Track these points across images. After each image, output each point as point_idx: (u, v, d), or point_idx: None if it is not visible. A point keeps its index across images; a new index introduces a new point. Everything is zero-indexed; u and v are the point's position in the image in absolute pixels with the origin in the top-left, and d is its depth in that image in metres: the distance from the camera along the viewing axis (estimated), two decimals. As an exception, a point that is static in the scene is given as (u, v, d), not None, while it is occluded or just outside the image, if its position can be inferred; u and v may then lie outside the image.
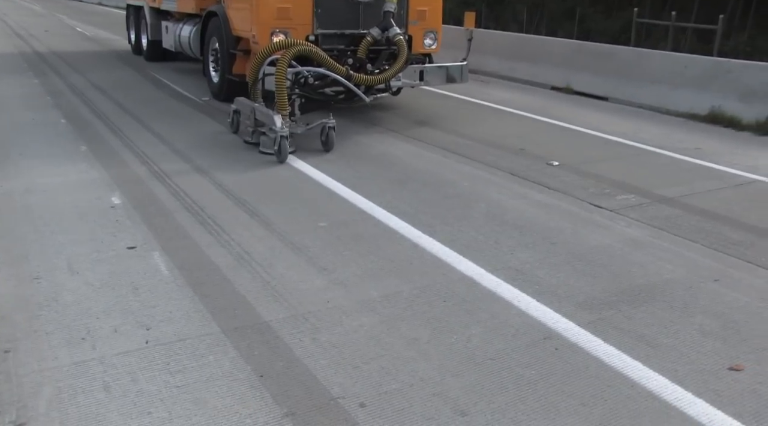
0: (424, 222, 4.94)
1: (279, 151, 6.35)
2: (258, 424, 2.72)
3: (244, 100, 7.19)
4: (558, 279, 4.10)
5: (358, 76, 7.06)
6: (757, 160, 7.07)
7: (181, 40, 10.66)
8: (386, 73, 7.34)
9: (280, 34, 7.49)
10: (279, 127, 6.30)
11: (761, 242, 4.82)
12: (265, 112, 6.60)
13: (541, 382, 3.06)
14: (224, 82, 8.88)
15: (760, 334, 3.54)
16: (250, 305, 3.66)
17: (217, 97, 9.20)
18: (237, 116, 7.38)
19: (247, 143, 6.95)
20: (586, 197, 5.67)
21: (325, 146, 6.87)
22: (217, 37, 9.00)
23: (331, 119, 6.85)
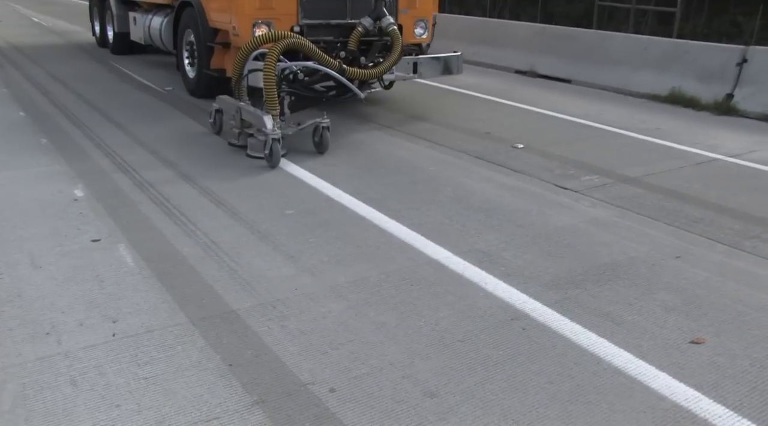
0: (391, 207, 4.95)
1: (270, 155, 5.84)
2: (228, 412, 2.71)
3: (227, 99, 6.65)
4: (524, 260, 4.14)
5: (352, 71, 6.49)
6: (716, 140, 7.20)
7: (151, 32, 10.04)
8: (382, 67, 6.83)
9: (262, 26, 7.02)
10: (270, 129, 5.79)
11: (720, 219, 4.92)
12: (253, 112, 6.09)
13: (509, 361, 3.10)
14: (201, 78, 8.35)
15: (719, 308, 3.62)
16: (218, 294, 3.64)
17: (193, 93, 8.69)
18: (219, 116, 6.86)
19: (233, 146, 6.45)
20: (551, 179, 5.73)
21: (319, 148, 6.36)
22: (193, 29, 8.44)
23: (325, 118, 6.32)
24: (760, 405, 2.84)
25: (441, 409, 2.75)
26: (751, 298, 3.74)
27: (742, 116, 8.29)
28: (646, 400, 2.85)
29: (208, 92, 7.98)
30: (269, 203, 5.00)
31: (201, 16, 8.12)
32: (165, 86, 9.36)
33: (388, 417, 2.70)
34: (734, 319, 3.52)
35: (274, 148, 5.83)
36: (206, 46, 8.06)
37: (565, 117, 8.14)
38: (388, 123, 7.63)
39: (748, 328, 3.43)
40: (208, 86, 8.19)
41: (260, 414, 2.71)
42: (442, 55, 7.99)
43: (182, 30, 8.82)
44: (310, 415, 2.70)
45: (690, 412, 2.77)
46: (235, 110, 6.34)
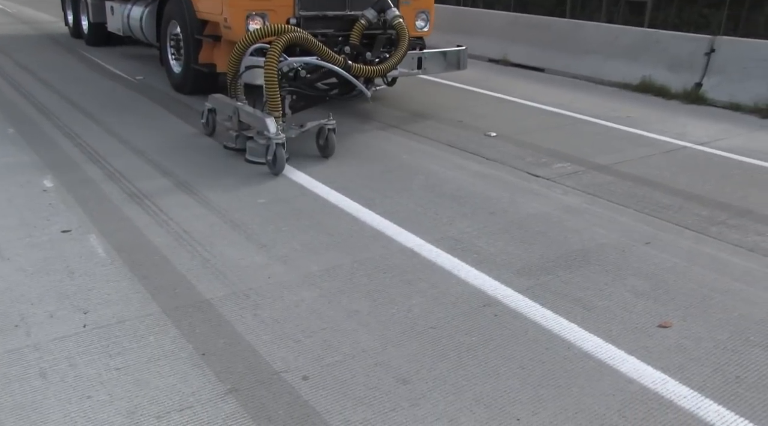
0: (363, 196, 4.96)
1: (274, 161, 5.34)
2: (201, 401, 2.71)
3: (222, 98, 6.14)
4: (496, 247, 4.18)
5: (357, 67, 6.00)
6: (685, 128, 7.30)
7: (131, 23, 9.41)
8: (389, 62, 6.32)
9: (256, 18, 6.60)
10: (274, 133, 5.29)
11: (688, 205, 5.00)
12: (253, 114, 5.61)
13: (482, 347, 3.13)
14: (189, 73, 7.82)
15: (686, 292, 3.69)
16: (191, 284, 3.63)
17: (179, 89, 8.17)
18: (212, 116, 6.34)
19: (229, 149, 5.98)
20: (523, 167, 5.78)
21: (324, 151, 5.88)
22: (178, 21, 7.85)
23: (331, 120, 5.84)
24: (722, 385, 2.91)
25: (414, 395, 2.78)
26: (716, 282, 3.82)
27: (710, 105, 8.41)
28: (616, 384, 2.90)
29: (197, 89, 7.68)
30: (241, 192, 4.98)
31: (188, 6, 7.58)
32: (136, 76, 9.24)
33: (361, 404, 2.71)
34: (700, 303, 3.59)
35: (278, 153, 5.33)
36: (193, 39, 7.54)
37: (537, 105, 8.19)
38: (358, 112, 7.62)
39: (713, 312, 3.50)
40: (197, 82, 7.77)
41: (233, 402, 2.71)
42: (447, 49, 7.60)
43: (166, 21, 8.24)
44: (283, 403, 2.71)
45: (657, 394, 2.83)
46: (232, 111, 5.85)
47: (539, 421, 2.64)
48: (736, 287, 3.77)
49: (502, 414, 2.68)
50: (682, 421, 2.68)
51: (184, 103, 7.68)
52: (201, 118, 6.43)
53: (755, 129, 7.39)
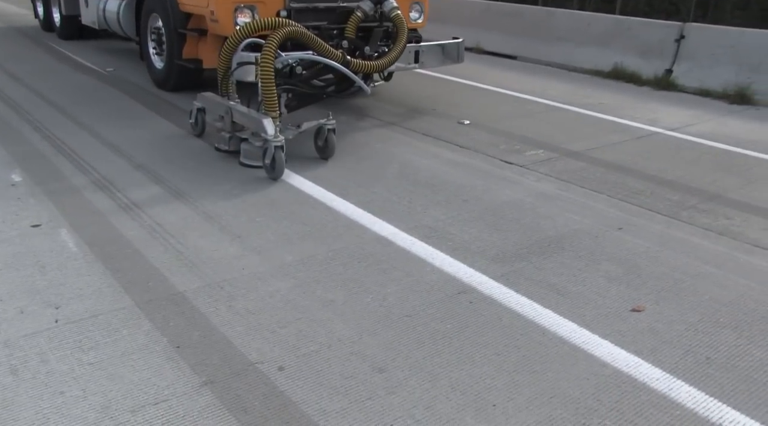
0: (337, 185, 4.95)
1: (273, 165, 5.01)
2: (176, 394, 2.69)
3: (212, 97, 5.82)
4: (471, 235, 4.19)
5: (356, 62, 5.69)
6: (656, 114, 7.38)
7: (107, 16, 8.93)
8: (389, 57, 6.01)
9: (245, 10, 6.30)
10: (272, 135, 4.97)
11: (660, 190, 5.06)
12: (248, 114, 5.30)
13: (457, 335, 3.14)
14: (172, 69, 7.42)
15: (658, 277, 3.74)
16: (164, 277, 3.59)
17: (162, 85, 7.80)
18: (202, 115, 6.02)
19: (221, 152, 5.66)
20: (496, 154, 5.80)
21: (323, 153, 5.57)
22: (160, 14, 7.46)
23: (330, 119, 5.53)
24: (694, 366, 2.95)
25: (390, 383, 2.78)
26: (687, 266, 3.87)
27: (681, 91, 8.52)
28: (590, 368, 2.93)
29: (180, 85, 7.44)
30: (212, 183, 4.94)
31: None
32: (107, 68, 9.10)
33: (337, 393, 2.71)
34: (672, 286, 3.64)
35: (276, 156, 5.00)
36: (177, 34, 7.15)
37: (510, 93, 8.22)
38: (329, 101, 7.59)
39: (684, 295, 3.55)
40: (180, 78, 7.46)
41: (209, 395, 2.69)
42: (444, 42, 7.34)
43: (146, 14, 7.81)
44: (259, 394, 2.70)
45: (630, 377, 2.87)
46: (224, 111, 5.53)
47: (515, 407, 2.66)
48: (706, 270, 3.83)
49: (478, 400, 2.70)
50: (654, 402, 2.71)
51: (155, 94, 7.59)
52: (189, 118, 6.09)
53: (724, 114, 7.49)
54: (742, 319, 3.34)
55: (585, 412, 2.65)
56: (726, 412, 2.67)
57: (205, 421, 2.55)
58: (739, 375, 2.91)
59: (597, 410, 2.66)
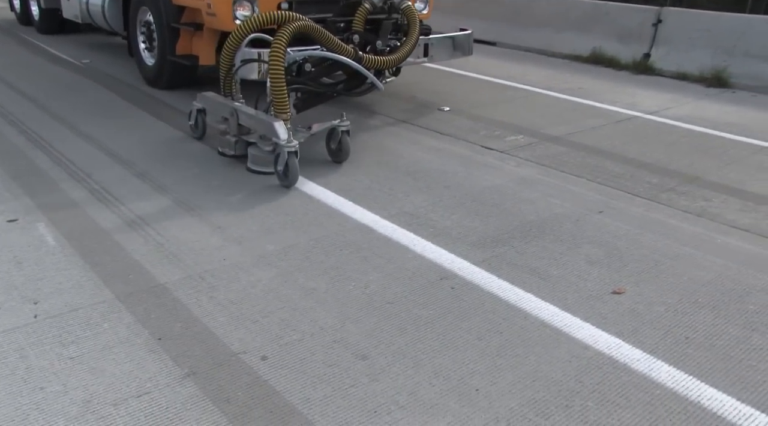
0: (318, 173, 4.93)
1: (286, 172, 4.64)
2: (159, 386, 2.68)
3: (214, 98, 5.42)
4: (452, 221, 4.20)
5: (369, 58, 5.28)
6: (634, 98, 7.42)
7: (91, 9, 8.39)
8: (402, 51, 5.62)
9: (244, 3, 5.94)
10: (285, 140, 4.60)
11: (639, 173, 5.10)
12: (255, 117, 4.92)
13: (439, 320, 3.15)
14: (164, 66, 6.99)
15: (638, 259, 3.77)
16: (144, 269, 3.57)
17: (153, 83, 7.35)
18: (202, 117, 5.64)
19: (225, 156, 5.28)
20: (477, 140, 5.80)
21: (337, 156, 5.20)
22: (150, 7, 6.98)
23: (344, 120, 5.15)
24: (673, 346, 2.99)
25: (373, 370, 2.79)
26: (667, 248, 3.91)
27: (659, 75, 8.57)
28: (572, 350, 2.95)
29: (174, 82, 7.11)
30: (195, 176, 4.91)
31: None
32: (82, 59, 8.98)
33: (320, 381, 2.71)
34: (651, 268, 3.67)
35: (290, 163, 4.62)
36: (169, 28, 6.69)
37: (490, 79, 8.23)
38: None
39: (664, 277, 3.58)
40: (174, 75, 7.06)
41: (192, 386, 2.68)
42: (453, 33, 6.96)
43: (135, 7, 7.33)
44: (242, 384, 2.69)
45: (611, 359, 2.89)
46: (230, 113, 5.11)
47: (498, 390, 2.68)
48: (685, 252, 3.86)
49: (461, 385, 2.71)
50: (635, 383, 2.74)
51: (133, 86, 7.50)
52: (189, 120, 5.71)
53: (701, 97, 7.55)
54: (720, 299, 3.38)
55: (567, 394, 2.67)
56: (704, 390, 2.71)
57: (188, 412, 2.54)
58: (716, 354, 2.95)
59: (579, 392, 2.68)
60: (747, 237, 4.09)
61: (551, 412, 2.57)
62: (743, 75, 7.95)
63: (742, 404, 2.63)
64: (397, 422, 2.50)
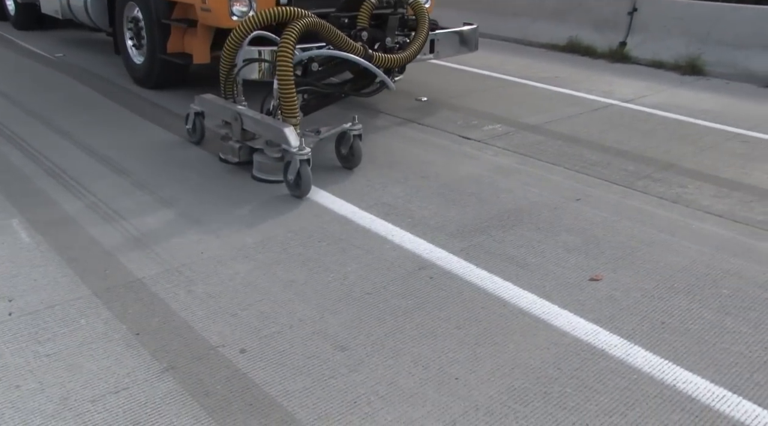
0: (297, 166, 4.91)
1: (298, 181, 4.32)
2: (137, 382, 2.66)
3: (215, 100, 5.06)
4: (430, 210, 4.21)
5: (379, 56, 5.02)
6: (611, 86, 7.47)
7: (73, 4, 7.95)
8: (412, 48, 5.37)
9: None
10: (296, 147, 4.28)
11: (616, 161, 5.13)
12: (261, 121, 4.59)
13: (418, 310, 3.16)
14: (155, 65, 6.66)
15: (615, 246, 3.80)
16: (121, 264, 3.54)
17: (143, 82, 7.01)
18: (200, 120, 5.32)
19: (227, 163, 4.95)
20: (454, 130, 5.81)
21: (348, 162, 4.87)
22: (139, 2, 6.67)
23: (356, 124, 4.81)
24: (650, 331, 3.02)
25: (352, 361, 2.79)
26: (643, 234, 3.95)
27: (635, 63, 8.62)
28: (550, 337, 2.97)
29: (165, 82, 6.81)
30: (170, 171, 4.87)
31: None
32: (55, 53, 8.85)
33: (300, 373, 2.71)
34: (628, 255, 3.70)
35: (302, 172, 4.28)
36: (160, 25, 6.36)
37: (467, 68, 8.23)
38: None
39: (640, 263, 3.62)
40: (165, 74, 6.74)
41: (171, 381, 2.67)
42: (459, 28, 6.69)
43: (122, 3, 7.01)
44: (221, 378, 2.68)
45: (589, 345, 2.92)
46: (233, 117, 4.78)
47: (477, 379, 2.69)
48: (661, 238, 3.90)
49: (440, 374, 2.72)
50: (613, 368, 2.77)
51: (103, 77, 7.41)
52: (186, 124, 5.36)
53: (676, 85, 7.62)
54: (695, 284, 3.42)
55: (546, 381, 2.69)
56: (679, 373, 2.74)
57: (167, 407, 2.53)
58: (691, 338, 2.98)
59: (558, 379, 2.70)
60: (721, 222, 4.13)
61: (530, 399, 2.59)
62: (717, 63, 8.03)
63: (716, 386, 2.67)
64: (376, 412, 2.50)
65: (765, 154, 5.39)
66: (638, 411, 2.53)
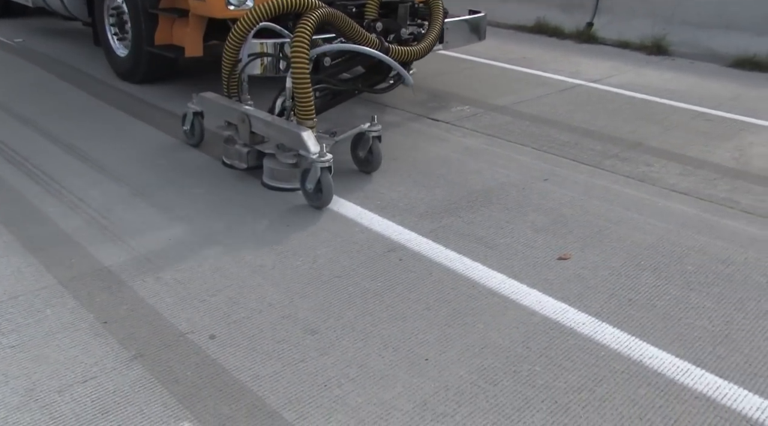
0: (265, 151, 4.86)
1: (318, 191, 3.93)
2: (105, 370, 2.63)
3: (217, 100, 4.62)
4: (399, 192, 4.21)
5: (396, 49, 4.59)
6: (578, 66, 7.51)
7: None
8: (429, 40, 4.95)
9: None
10: (317, 153, 3.88)
11: (583, 141, 5.17)
12: (274, 124, 4.17)
13: (387, 292, 3.16)
14: (141, 57, 6.20)
15: (583, 225, 3.84)
16: (88, 252, 3.49)
17: (128, 77, 6.52)
18: (199, 120, 4.90)
19: (231, 168, 4.55)
20: (423, 112, 5.81)
21: (367, 166, 4.52)
22: None
23: (375, 124, 4.43)
24: (617, 308, 3.06)
25: (322, 344, 2.79)
26: (610, 213, 3.99)
27: (602, 43, 8.68)
28: (519, 317, 3.00)
29: (151, 76, 6.39)
30: (136, 156, 4.79)
31: None
32: (14, 38, 8.64)
33: (270, 357, 2.71)
34: (596, 233, 3.74)
35: (324, 180, 3.89)
36: (146, 15, 5.92)
37: (435, 50, 8.19)
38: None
39: (608, 241, 3.66)
40: (151, 68, 6.31)
41: (139, 368, 2.64)
42: (468, 17, 6.35)
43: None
44: (191, 364, 2.67)
45: (558, 323, 2.95)
46: (240, 118, 4.33)
47: (447, 359, 2.71)
48: (628, 216, 3.95)
49: (410, 355, 2.73)
50: (581, 346, 2.80)
51: (67, 64, 7.26)
52: (183, 125, 4.94)
53: (642, 65, 7.69)
54: (661, 261, 3.47)
55: (515, 359, 2.72)
56: (646, 349, 2.79)
57: (137, 395, 2.51)
58: (657, 314, 3.03)
59: (527, 357, 2.73)
60: (686, 200, 4.20)
61: (499, 378, 2.61)
62: (681, 43, 8.11)
63: (680, 360, 2.72)
64: (347, 395, 2.51)
65: (727, 132, 5.47)
66: (606, 387, 2.57)
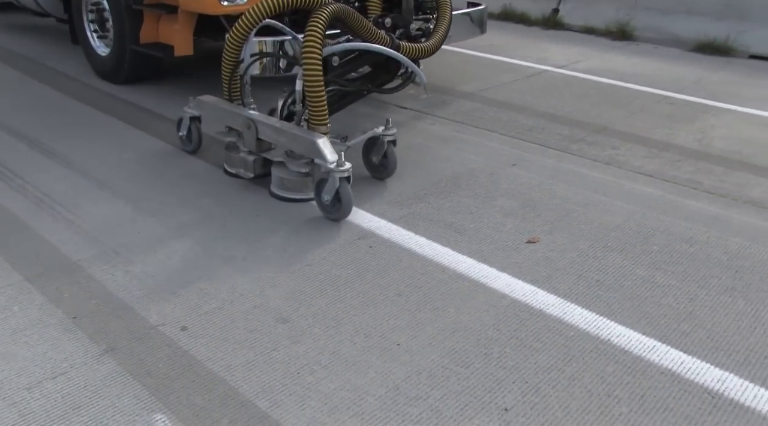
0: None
1: (337, 202, 3.67)
2: (76, 365, 2.61)
3: (218, 104, 4.30)
4: (368, 180, 4.22)
5: (406, 46, 4.30)
6: (545, 52, 7.56)
7: None
8: (438, 36, 4.64)
9: None
10: (334, 162, 3.61)
11: (551, 126, 5.23)
12: (283, 130, 3.86)
13: (358, 279, 3.18)
14: (125, 56, 5.80)
15: (551, 208, 3.89)
16: (55, 247, 3.45)
17: (110, 77, 6.12)
18: (196, 125, 4.59)
19: (233, 177, 4.26)
20: (390, 100, 5.81)
21: (379, 172, 4.28)
22: None
23: (390, 128, 4.20)
24: (585, 290, 3.11)
25: (294, 332, 2.80)
26: (578, 196, 4.04)
27: (567, 29, 8.75)
28: (489, 300, 3.03)
29: (135, 76, 6.02)
30: (106, 150, 4.74)
31: None
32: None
33: (242, 347, 2.71)
34: (564, 216, 3.79)
35: (343, 191, 3.62)
36: (130, 11, 5.54)
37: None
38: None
39: (576, 224, 3.71)
40: (137, 67, 5.93)
41: (111, 362, 2.63)
42: (469, 9, 6.10)
43: None
44: (162, 356, 2.66)
45: (527, 305, 2.99)
46: (245, 124, 4.03)
47: (418, 344, 2.73)
48: (595, 199, 4.01)
49: (382, 341, 2.75)
50: (550, 327, 2.85)
51: (38, 61, 7.13)
52: (179, 130, 4.63)
53: (608, 50, 7.77)
54: (627, 242, 3.53)
55: (486, 342, 2.75)
56: (613, 328, 2.84)
57: (108, 389, 2.49)
58: (624, 293, 3.09)
59: (497, 340, 2.77)
60: (651, 182, 4.27)
61: (471, 360, 2.64)
62: (645, 28, 8.21)
63: (647, 337, 2.78)
64: (320, 382, 2.52)
65: (690, 115, 5.57)
66: (575, 366, 2.62)
